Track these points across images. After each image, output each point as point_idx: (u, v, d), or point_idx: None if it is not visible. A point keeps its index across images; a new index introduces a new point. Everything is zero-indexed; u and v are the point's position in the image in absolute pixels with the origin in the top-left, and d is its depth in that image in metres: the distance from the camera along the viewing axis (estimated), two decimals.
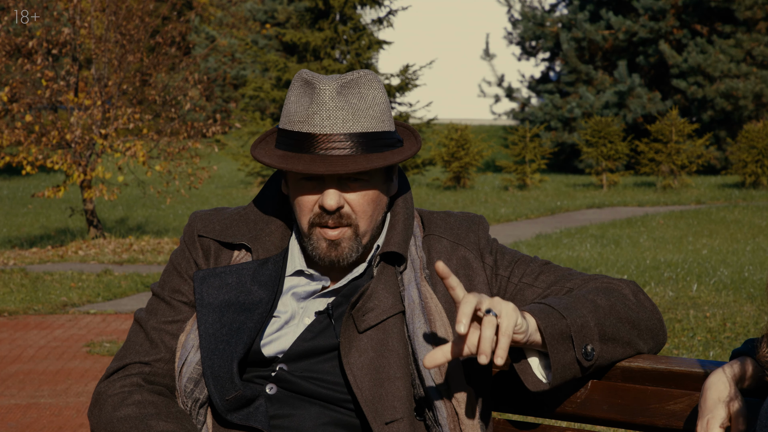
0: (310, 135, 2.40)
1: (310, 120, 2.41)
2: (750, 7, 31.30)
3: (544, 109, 33.37)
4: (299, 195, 2.46)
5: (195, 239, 2.57)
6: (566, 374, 2.31)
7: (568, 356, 2.30)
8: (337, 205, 2.42)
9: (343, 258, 2.46)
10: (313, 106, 2.41)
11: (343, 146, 2.40)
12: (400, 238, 2.49)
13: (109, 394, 2.48)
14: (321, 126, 2.40)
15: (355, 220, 2.45)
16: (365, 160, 2.41)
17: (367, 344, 2.42)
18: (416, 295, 2.46)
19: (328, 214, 2.43)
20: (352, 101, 2.42)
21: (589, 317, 2.33)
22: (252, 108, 27.88)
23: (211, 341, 2.44)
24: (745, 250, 14.33)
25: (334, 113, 2.40)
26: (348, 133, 2.41)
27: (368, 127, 2.43)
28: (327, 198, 2.42)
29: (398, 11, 25.68)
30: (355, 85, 2.44)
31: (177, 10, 20.26)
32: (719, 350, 7.82)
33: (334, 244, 2.45)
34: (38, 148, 15.41)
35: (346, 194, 2.44)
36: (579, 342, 2.31)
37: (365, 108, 2.43)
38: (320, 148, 2.40)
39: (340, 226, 2.44)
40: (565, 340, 2.30)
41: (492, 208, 20.89)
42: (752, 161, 24.45)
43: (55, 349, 8.63)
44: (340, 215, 2.44)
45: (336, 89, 2.41)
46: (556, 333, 2.29)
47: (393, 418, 2.39)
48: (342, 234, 2.45)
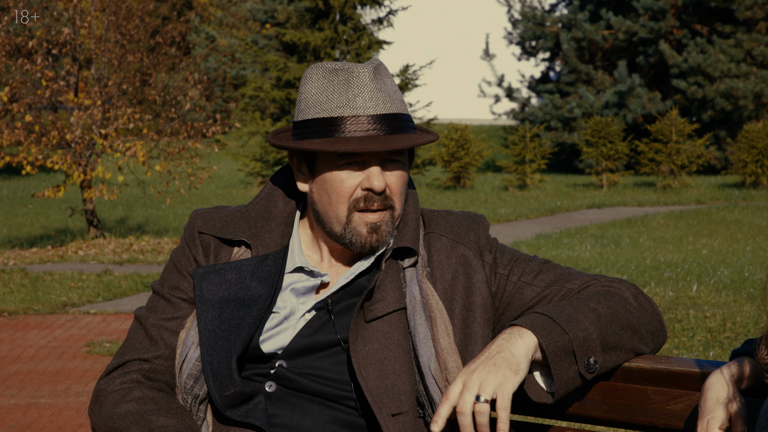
0: (353, 117, 2.43)
1: (351, 103, 2.43)
2: (750, 7, 31.30)
3: (544, 109, 33.37)
4: (337, 180, 2.46)
5: (195, 236, 2.57)
6: (569, 388, 2.32)
7: (571, 371, 2.31)
8: (385, 186, 2.45)
9: (382, 242, 2.47)
10: (353, 89, 2.43)
11: (383, 126, 2.43)
12: (414, 235, 2.51)
13: (109, 390, 2.49)
14: (364, 108, 2.42)
15: (393, 203, 2.47)
16: (408, 138, 2.45)
17: (372, 335, 2.43)
18: (417, 292, 2.46)
19: (377, 195, 2.45)
20: (384, 85, 2.47)
21: (592, 329, 2.33)
22: (252, 108, 27.88)
23: (211, 337, 2.44)
24: (745, 250, 14.33)
25: (376, 95, 2.43)
26: (387, 114, 2.44)
27: (401, 109, 2.47)
28: (375, 178, 2.44)
29: (398, 11, 25.67)
30: (383, 71, 2.49)
31: (177, 10, 20.26)
32: (719, 350, 7.82)
33: (374, 228, 2.46)
34: (38, 148, 15.41)
35: (386, 176, 2.46)
36: (581, 356, 2.31)
37: (393, 92, 2.47)
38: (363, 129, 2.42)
39: (384, 209, 2.46)
40: (567, 355, 2.30)
41: (492, 208, 20.89)
42: (752, 161, 24.45)
43: (55, 349, 8.63)
44: (385, 197, 2.46)
45: (373, 72, 2.45)
46: (559, 350, 2.29)
47: (399, 410, 2.39)
48: (382, 217, 2.46)
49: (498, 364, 2.24)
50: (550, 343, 2.28)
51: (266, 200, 2.59)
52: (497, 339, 2.29)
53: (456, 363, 2.42)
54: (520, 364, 2.25)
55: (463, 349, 2.45)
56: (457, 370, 2.41)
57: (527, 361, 2.26)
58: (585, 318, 2.33)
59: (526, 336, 2.28)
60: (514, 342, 2.28)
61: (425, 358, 2.41)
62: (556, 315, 2.33)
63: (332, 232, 2.49)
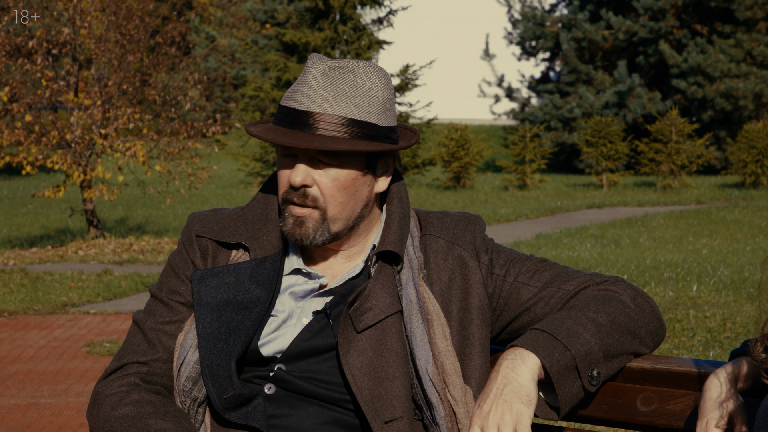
0: (292, 110, 2.43)
1: (294, 95, 2.44)
2: (750, 7, 31.30)
3: (544, 109, 33.37)
4: (279, 170, 2.49)
5: (193, 240, 2.57)
6: (574, 402, 2.33)
7: (575, 386, 2.31)
8: (302, 183, 2.43)
9: (307, 237, 2.45)
10: (300, 83, 2.44)
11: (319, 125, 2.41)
12: (396, 237, 2.49)
13: (107, 393, 2.48)
14: (300, 102, 2.42)
15: (323, 204, 2.45)
16: (331, 141, 2.41)
17: (365, 344, 2.42)
18: (414, 295, 2.46)
19: (294, 191, 2.44)
20: (339, 85, 2.43)
21: (593, 341, 2.33)
22: (252, 108, 27.88)
23: (210, 340, 2.44)
24: (745, 250, 14.33)
25: (314, 92, 2.42)
26: (324, 113, 2.41)
27: (348, 113, 2.42)
28: (293, 173, 2.43)
29: (398, 11, 25.68)
30: (349, 72, 2.44)
31: (177, 10, 20.26)
32: (719, 350, 7.82)
33: (299, 222, 2.45)
34: (38, 148, 15.41)
35: (316, 175, 2.44)
36: (584, 370, 2.31)
37: (352, 95, 2.43)
38: (297, 122, 2.42)
39: (305, 206, 2.45)
40: (570, 372, 2.30)
41: (492, 208, 20.89)
42: (752, 161, 24.45)
43: (55, 349, 8.63)
44: (305, 194, 2.44)
45: (323, 70, 2.43)
46: (562, 368, 2.29)
47: (392, 417, 2.39)
48: (307, 214, 2.45)
49: (509, 401, 2.25)
50: (554, 364, 2.28)
51: (263, 202, 2.59)
52: (501, 367, 2.29)
53: (453, 365, 2.42)
54: (530, 394, 2.26)
55: (461, 351, 2.45)
56: (455, 372, 2.41)
57: (535, 387, 2.28)
58: (585, 330, 2.33)
59: (529, 359, 2.29)
60: (518, 369, 2.28)
61: (422, 361, 2.41)
62: (557, 331, 2.32)
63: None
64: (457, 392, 2.41)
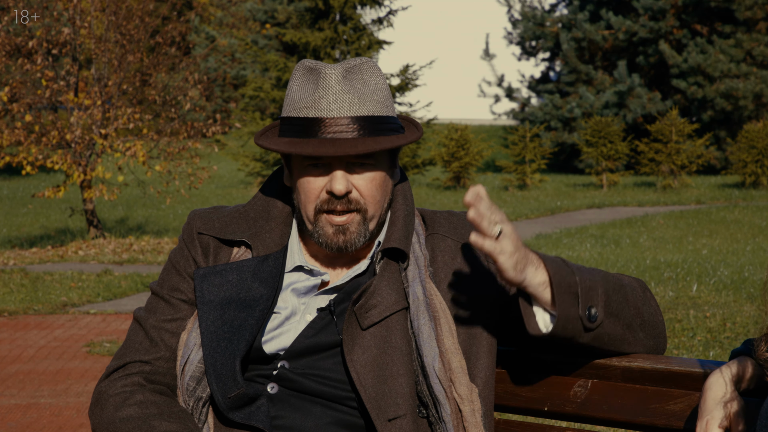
0: (317, 119, 2.41)
1: (316, 104, 2.41)
2: (750, 7, 31.29)
3: (544, 109, 33.37)
4: (305, 181, 2.45)
5: (194, 237, 2.56)
6: (567, 327, 2.32)
7: (572, 311, 2.32)
8: (346, 190, 2.42)
9: (351, 243, 2.46)
10: (319, 91, 2.42)
11: (350, 129, 2.41)
12: (401, 234, 2.49)
13: (110, 394, 2.47)
14: (328, 110, 2.41)
15: (364, 205, 2.45)
16: (373, 142, 2.41)
17: (370, 341, 2.42)
18: (421, 292, 2.46)
19: (337, 199, 2.43)
20: (357, 86, 2.44)
21: (599, 284, 2.36)
22: (252, 108, 27.87)
23: (213, 339, 2.43)
24: (745, 250, 14.33)
25: (341, 96, 2.41)
26: (354, 117, 2.42)
27: (373, 111, 2.44)
28: (335, 182, 2.42)
29: (398, 11, 25.67)
30: (358, 71, 2.45)
31: (177, 10, 20.26)
32: (719, 350, 7.82)
33: (341, 230, 2.45)
34: (38, 148, 15.41)
35: (353, 179, 2.44)
36: (584, 301, 2.32)
37: (369, 93, 2.44)
38: (327, 131, 2.41)
39: (348, 212, 2.44)
40: (571, 294, 2.32)
41: None
42: (752, 161, 24.45)
43: (55, 349, 8.63)
44: (348, 200, 2.44)
45: (341, 74, 2.43)
46: (564, 285, 2.31)
47: (396, 414, 2.39)
48: (350, 219, 2.45)
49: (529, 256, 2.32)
50: (558, 276, 2.30)
51: (265, 200, 2.58)
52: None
53: (460, 363, 2.42)
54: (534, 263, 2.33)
55: (468, 350, 2.45)
56: (462, 370, 2.42)
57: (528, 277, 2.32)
58: (596, 274, 2.38)
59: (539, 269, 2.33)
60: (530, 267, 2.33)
61: (429, 358, 2.41)
62: (569, 262, 2.37)
63: (307, 230, 2.50)
64: (463, 390, 2.41)
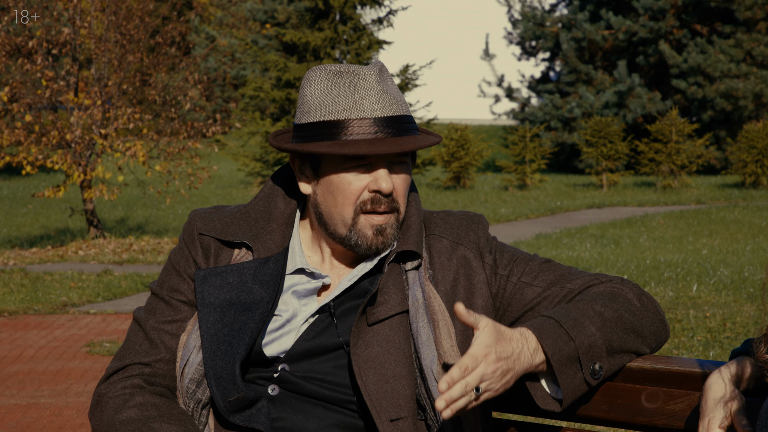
0: (362, 120, 2.42)
1: (358, 106, 2.42)
2: (750, 7, 31.29)
3: (544, 109, 33.37)
4: (345, 182, 2.44)
5: (195, 237, 2.55)
6: (576, 394, 2.33)
7: (577, 378, 2.31)
8: (392, 188, 2.44)
9: (388, 244, 2.47)
10: (360, 92, 2.42)
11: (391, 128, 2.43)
12: (417, 238, 2.50)
13: (110, 396, 2.47)
14: (371, 110, 2.42)
15: (399, 205, 2.47)
16: (414, 140, 2.45)
17: (372, 338, 2.42)
18: (420, 294, 2.46)
19: (385, 197, 2.44)
20: (390, 87, 2.47)
21: (597, 334, 2.33)
22: (252, 108, 27.88)
23: (213, 342, 2.43)
24: (745, 250, 14.33)
25: (382, 97, 2.43)
26: (392, 116, 2.44)
27: (405, 111, 2.47)
28: (383, 180, 2.43)
29: (398, 11, 25.67)
30: (385, 73, 2.48)
31: (177, 10, 20.26)
32: (719, 350, 7.82)
33: (379, 231, 2.45)
34: (38, 148, 15.42)
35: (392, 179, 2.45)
36: (587, 362, 2.31)
37: (397, 93, 2.47)
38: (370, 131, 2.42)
39: (389, 212, 2.45)
40: (573, 362, 2.30)
41: (492, 208, 20.89)
42: (752, 161, 24.46)
43: (55, 349, 8.63)
44: (392, 199, 2.45)
45: (378, 74, 2.44)
46: (564, 358, 2.29)
47: (398, 415, 2.39)
48: (387, 220, 2.46)
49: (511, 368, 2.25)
50: (556, 352, 2.28)
51: (266, 200, 2.58)
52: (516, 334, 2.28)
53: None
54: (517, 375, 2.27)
55: (465, 351, 2.44)
56: None
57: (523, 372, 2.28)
58: (591, 323, 2.33)
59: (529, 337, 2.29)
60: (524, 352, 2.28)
61: (428, 360, 2.41)
62: (564, 319, 2.32)
63: (336, 233, 2.48)
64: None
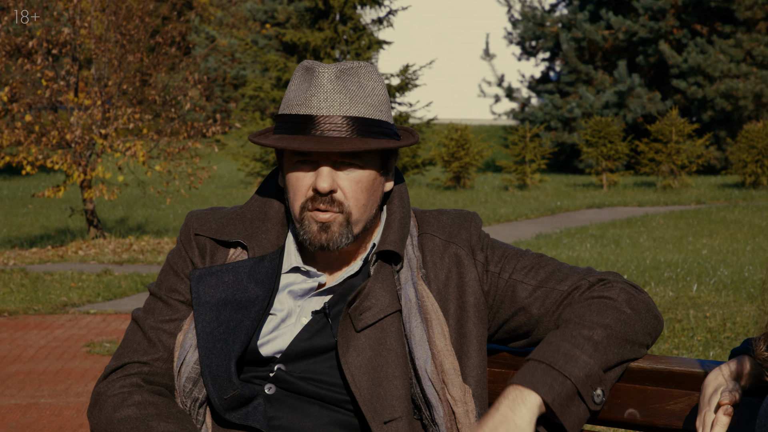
0: (307, 117, 2.42)
1: (307, 102, 2.42)
2: (750, 7, 31.30)
3: (544, 109, 33.38)
4: (294, 178, 2.46)
5: (191, 238, 2.57)
6: (582, 423, 2.33)
7: (580, 410, 2.31)
8: (330, 188, 2.42)
9: (333, 242, 2.45)
10: (311, 89, 2.43)
11: (338, 128, 2.41)
12: (397, 237, 2.49)
13: (108, 394, 2.48)
14: (318, 108, 2.41)
15: (348, 208, 2.44)
16: (360, 142, 2.41)
17: (365, 343, 2.42)
18: (413, 294, 2.45)
19: (321, 196, 2.43)
20: (351, 87, 2.44)
21: (591, 362, 2.32)
22: (252, 108, 27.88)
23: (209, 340, 2.43)
24: (745, 250, 14.33)
25: (332, 96, 2.42)
26: (344, 116, 2.42)
27: (365, 113, 2.44)
28: (320, 179, 2.42)
29: (398, 11, 25.68)
30: (354, 73, 2.45)
31: (177, 10, 20.26)
32: (719, 350, 7.82)
33: (324, 227, 2.44)
34: (38, 148, 15.42)
35: (339, 179, 2.44)
36: (587, 392, 2.31)
37: (363, 95, 2.44)
38: (316, 129, 2.41)
39: (331, 212, 2.44)
40: (573, 399, 2.30)
41: (492, 208, 20.89)
42: (752, 161, 24.46)
43: (55, 349, 8.63)
44: (331, 199, 2.43)
45: (335, 74, 2.43)
46: (564, 399, 2.29)
47: (391, 417, 2.39)
48: (333, 218, 2.44)
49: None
50: (555, 398, 2.28)
51: (262, 201, 2.59)
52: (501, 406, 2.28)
53: (452, 365, 2.42)
54: None
55: (459, 350, 2.45)
56: (454, 372, 2.41)
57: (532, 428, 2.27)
58: (583, 352, 2.32)
59: (530, 399, 2.28)
60: (517, 410, 2.27)
61: (421, 360, 2.41)
62: (554, 358, 2.31)
63: (294, 229, 2.50)
64: (456, 391, 2.41)
